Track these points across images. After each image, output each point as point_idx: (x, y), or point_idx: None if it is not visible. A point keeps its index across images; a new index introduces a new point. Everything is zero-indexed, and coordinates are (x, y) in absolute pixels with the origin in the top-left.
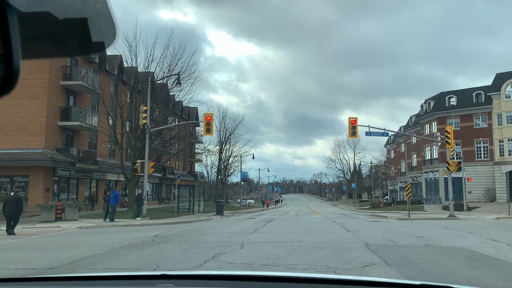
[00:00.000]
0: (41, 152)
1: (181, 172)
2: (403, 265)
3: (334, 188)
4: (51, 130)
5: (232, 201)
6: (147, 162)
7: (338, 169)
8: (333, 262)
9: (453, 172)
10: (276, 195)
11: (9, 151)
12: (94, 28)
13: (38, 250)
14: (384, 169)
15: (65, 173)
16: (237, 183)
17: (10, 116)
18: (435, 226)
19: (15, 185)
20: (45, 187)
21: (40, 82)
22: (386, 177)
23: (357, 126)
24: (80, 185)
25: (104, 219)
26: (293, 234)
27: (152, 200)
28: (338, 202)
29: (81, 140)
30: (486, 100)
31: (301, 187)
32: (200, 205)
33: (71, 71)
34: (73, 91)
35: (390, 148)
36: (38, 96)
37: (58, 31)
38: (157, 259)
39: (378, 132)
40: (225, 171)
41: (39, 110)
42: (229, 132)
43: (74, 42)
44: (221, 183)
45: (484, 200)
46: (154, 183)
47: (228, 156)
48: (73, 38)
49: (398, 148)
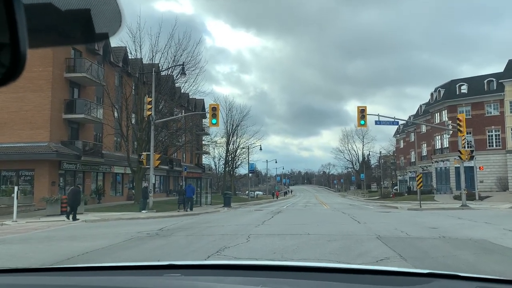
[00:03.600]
0: (46, 146)
1: (189, 164)
2: (420, 259)
3: (343, 179)
4: (56, 123)
5: (240, 193)
6: (152, 154)
7: (347, 159)
8: (345, 256)
9: (465, 161)
10: (285, 187)
11: (14, 144)
12: (99, 15)
13: (39, 243)
14: (393, 159)
15: (70, 167)
16: (244, 175)
17: (14, 110)
18: (448, 217)
19: (21, 179)
20: (50, 181)
21: (43, 75)
22: (395, 167)
23: (366, 115)
24: (86, 178)
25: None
26: (302, 226)
27: (160, 192)
28: (347, 193)
29: (86, 133)
30: (498, 87)
31: (309, 178)
32: (208, 197)
33: (75, 63)
34: (77, 83)
35: (399, 137)
36: (42, 89)
37: (63, 19)
38: (160, 253)
39: (388, 121)
40: (233, 163)
41: (43, 103)
42: (236, 124)
43: (79, 30)
44: (228, 175)
45: (496, 190)
46: (161, 175)
47: (236, 148)
48: (78, 26)
49: (408, 137)
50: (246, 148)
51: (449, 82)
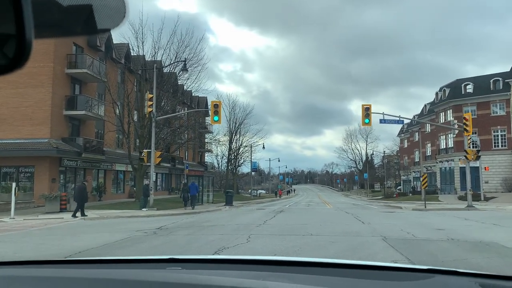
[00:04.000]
0: (46, 142)
1: (191, 162)
2: (430, 264)
3: (346, 178)
4: (57, 120)
5: (243, 191)
6: (153, 151)
7: (350, 159)
8: (349, 259)
9: (471, 161)
10: (287, 186)
11: (14, 141)
12: (102, 6)
13: (32, 241)
14: (396, 159)
15: (71, 164)
16: (247, 174)
17: (14, 106)
18: (455, 217)
19: (21, 175)
20: (51, 178)
21: (44, 71)
22: (399, 167)
23: (371, 113)
24: (87, 175)
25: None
26: (304, 226)
27: (162, 190)
28: (350, 193)
29: (87, 130)
30: (504, 86)
31: (312, 178)
32: (209, 196)
33: (77, 59)
34: (78, 79)
35: (403, 137)
36: (42, 85)
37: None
38: (156, 253)
39: (393, 120)
40: (235, 162)
41: (44, 99)
42: (239, 122)
43: (82, 21)
44: (231, 173)
45: (502, 190)
46: (163, 173)
47: (238, 146)
48: (81, 17)
49: (412, 137)
50: (248, 146)
51: (454, 82)
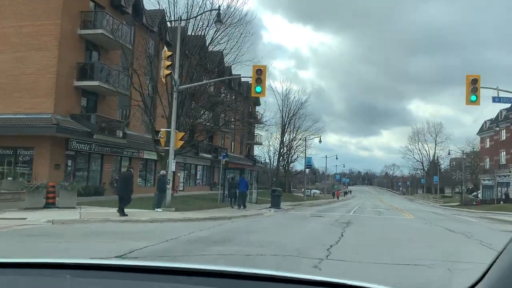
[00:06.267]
0: (48, 118)
1: (238, 155)
2: None
3: (409, 181)
4: (64, 91)
5: (296, 190)
6: (173, 131)
7: (416, 160)
8: None
9: None
10: (343, 186)
11: (13, 116)
12: None
13: None
14: (470, 162)
15: (82, 147)
16: (301, 171)
17: (14, 73)
18: None
19: (19, 159)
20: (53, 163)
21: (49, 29)
22: (479, 170)
23: (479, 87)
24: (105, 163)
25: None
26: (399, 254)
27: (202, 185)
28: (414, 197)
29: (106, 107)
30: None
31: (370, 179)
32: (253, 194)
33: (95, 17)
34: (96, 45)
35: (485, 136)
36: (46, 47)
37: None
38: None
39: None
40: (288, 157)
41: (48, 64)
42: (293, 113)
43: None
44: (283, 170)
45: None
46: (204, 165)
47: (291, 139)
48: None
49: (497, 135)
50: (303, 139)
51: None
